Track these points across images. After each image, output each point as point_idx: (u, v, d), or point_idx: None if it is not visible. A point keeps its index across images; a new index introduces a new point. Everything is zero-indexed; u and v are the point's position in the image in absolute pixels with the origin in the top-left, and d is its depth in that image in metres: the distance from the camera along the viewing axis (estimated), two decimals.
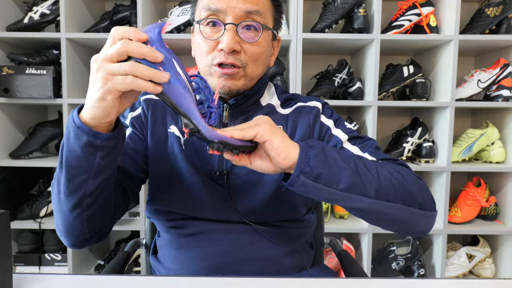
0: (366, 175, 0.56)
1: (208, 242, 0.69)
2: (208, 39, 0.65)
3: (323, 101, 0.77)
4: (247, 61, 0.65)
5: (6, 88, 1.44)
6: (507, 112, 1.54)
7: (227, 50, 0.62)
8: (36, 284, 0.52)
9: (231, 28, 0.62)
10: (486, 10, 1.47)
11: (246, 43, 0.64)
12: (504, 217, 1.57)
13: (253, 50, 0.65)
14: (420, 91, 1.52)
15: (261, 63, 0.68)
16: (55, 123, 1.60)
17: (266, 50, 0.69)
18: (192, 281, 0.54)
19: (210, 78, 0.67)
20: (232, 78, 0.65)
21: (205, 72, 0.68)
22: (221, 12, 0.63)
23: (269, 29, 0.68)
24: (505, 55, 1.56)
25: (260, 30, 0.65)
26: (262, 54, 0.67)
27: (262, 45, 0.66)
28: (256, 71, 0.68)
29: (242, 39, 0.64)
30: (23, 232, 1.63)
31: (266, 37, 0.67)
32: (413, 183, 0.59)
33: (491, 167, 1.50)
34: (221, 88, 0.66)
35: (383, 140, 1.73)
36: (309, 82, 1.69)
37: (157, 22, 0.70)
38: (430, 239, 1.59)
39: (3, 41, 1.53)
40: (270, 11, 0.68)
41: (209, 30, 0.65)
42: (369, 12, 1.48)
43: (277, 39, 0.75)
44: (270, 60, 0.74)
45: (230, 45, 0.62)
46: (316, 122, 0.72)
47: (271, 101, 0.75)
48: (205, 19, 0.65)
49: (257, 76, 0.69)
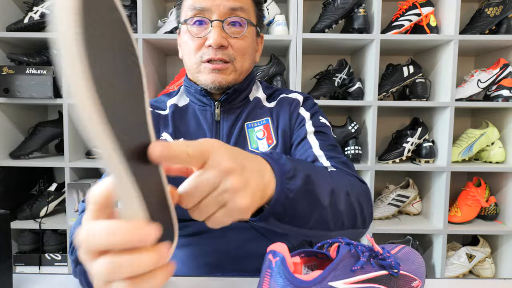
0: (334, 209, 0.49)
1: (207, 240, 0.69)
2: (195, 37, 0.68)
3: (307, 95, 0.79)
4: (235, 55, 0.68)
5: (6, 88, 1.44)
6: (507, 112, 1.54)
7: (215, 46, 0.65)
8: (36, 284, 0.52)
9: (217, 25, 0.66)
10: (486, 10, 1.47)
11: (233, 38, 0.68)
12: (504, 217, 1.57)
13: (240, 44, 0.68)
14: (420, 91, 1.52)
15: (248, 57, 0.71)
16: (55, 123, 1.60)
17: (252, 44, 0.72)
18: (192, 281, 0.54)
19: (200, 75, 0.69)
20: (222, 73, 0.68)
21: (194, 70, 0.70)
22: (207, 10, 0.66)
23: (253, 25, 0.71)
24: (505, 55, 1.56)
25: (245, 25, 0.68)
26: (248, 48, 0.70)
27: (248, 39, 0.70)
28: (244, 64, 0.71)
29: (228, 35, 0.67)
30: (23, 232, 1.63)
31: (251, 32, 0.71)
32: (365, 203, 0.55)
33: (491, 167, 1.50)
34: (211, 83, 0.68)
35: (383, 140, 1.73)
36: (309, 82, 1.69)
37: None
38: (430, 239, 1.59)
39: (3, 41, 1.53)
40: (253, 8, 0.72)
41: (196, 29, 0.68)
42: (369, 12, 1.48)
43: (260, 36, 0.78)
44: (256, 56, 0.77)
45: (218, 41, 0.65)
46: (294, 113, 0.74)
47: (257, 94, 0.78)
48: (192, 18, 0.67)
49: (246, 69, 0.72)
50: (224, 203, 0.34)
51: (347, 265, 0.39)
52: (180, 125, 0.74)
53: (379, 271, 0.41)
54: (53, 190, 1.60)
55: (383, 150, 1.63)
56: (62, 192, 1.63)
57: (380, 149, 1.71)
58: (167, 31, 1.48)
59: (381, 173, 1.68)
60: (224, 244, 0.69)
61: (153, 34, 1.46)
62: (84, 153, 1.61)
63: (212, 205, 0.34)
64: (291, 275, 0.36)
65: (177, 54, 0.80)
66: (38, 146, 1.56)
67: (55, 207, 1.61)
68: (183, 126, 0.74)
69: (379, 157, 1.58)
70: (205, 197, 0.34)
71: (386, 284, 0.41)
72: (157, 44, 1.57)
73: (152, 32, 1.53)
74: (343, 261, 0.39)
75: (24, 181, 1.65)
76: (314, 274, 0.38)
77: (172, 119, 0.74)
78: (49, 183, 1.65)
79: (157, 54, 1.64)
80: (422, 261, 0.48)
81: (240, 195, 0.34)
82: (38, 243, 1.63)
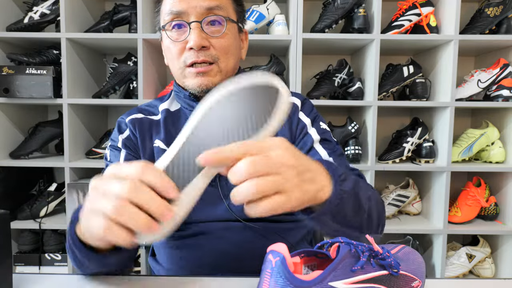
0: (369, 214, 0.55)
1: (205, 241, 0.69)
2: (176, 42, 0.67)
3: (303, 97, 0.78)
4: (218, 55, 0.67)
5: (6, 88, 1.44)
6: (507, 112, 1.54)
7: (196, 47, 0.64)
8: (36, 284, 0.52)
9: (196, 26, 0.65)
10: (486, 10, 1.47)
11: (213, 38, 0.67)
12: (504, 217, 1.57)
13: (221, 43, 0.67)
14: (420, 91, 1.52)
15: (232, 56, 0.70)
16: (55, 123, 1.60)
17: (234, 42, 0.71)
18: (192, 281, 0.54)
19: (186, 80, 0.69)
20: (208, 75, 0.67)
21: (179, 75, 0.69)
22: (183, 13, 0.65)
23: (233, 22, 0.70)
24: (505, 55, 1.56)
25: (224, 23, 0.67)
26: (231, 46, 0.69)
27: (229, 37, 0.69)
28: (229, 64, 0.69)
29: (208, 34, 0.66)
30: (23, 232, 1.63)
31: (231, 29, 0.69)
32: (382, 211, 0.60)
33: (491, 167, 1.50)
34: (198, 86, 0.67)
35: (383, 140, 1.73)
36: (309, 82, 1.69)
37: None
38: (430, 239, 1.59)
39: (3, 41, 1.53)
40: (231, 4, 0.71)
41: (176, 33, 0.67)
42: (369, 12, 1.48)
43: (243, 31, 0.77)
44: (242, 53, 0.76)
45: (198, 42, 0.64)
46: (294, 119, 0.73)
47: None
48: (170, 22, 0.67)
49: (231, 68, 0.71)
50: (281, 191, 0.37)
51: (347, 265, 0.39)
52: (172, 131, 0.73)
53: (379, 271, 0.41)
54: (53, 190, 1.60)
55: (383, 150, 1.63)
56: (62, 192, 1.63)
57: (380, 149, 1.71)
58: None
59: (381, 173, 1.68)
60: (224, 244, 0.69)
61: (153, 34, 1.46)
62: (84, 153, 1.61)
63: (271, 185, 0.36)
64: (291, 275, 0.36)
65: None
66: (38, 146, 1.56)
67: (55, 207, 1.61)
68: (175, 132, 0.73)
69: (379, 157, 1.57)
70: (266, 175, 0.36)
71: (386, 284, 0.41)
72: (157, 44, 1.56)
73: (152, 32, 1.53)
74: (343, 261, 0.39)
75: (24, 181, 1.65)
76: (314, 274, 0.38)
77: (164, 124, 0.73)
78: (49, 183, 1.65)
79: (157, 54, 1.64)
80: (422, 261, 0.48)
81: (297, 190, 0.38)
82: (38, 243, 1.63)
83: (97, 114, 1.74)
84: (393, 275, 0.42)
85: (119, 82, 1.55)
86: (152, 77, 1.57)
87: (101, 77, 1.76)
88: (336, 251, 0.41)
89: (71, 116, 1.49)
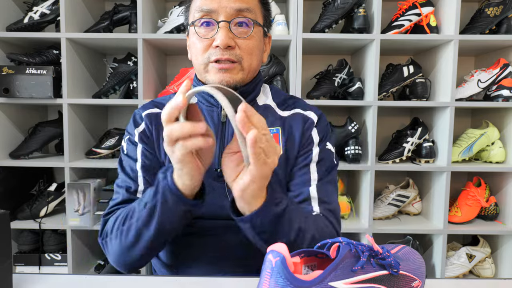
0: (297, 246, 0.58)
1: (209, 239, 0.69)
2: (203, 38, 0.68)
3: (320, 112, 0.79)
4: (242, 55, 0.68)
5: (6, 88, 1.44)
6: (507, 112, 1.54)
7: (222, 46, 0.66)
8: (36, 284, 0.52)
9: (224, 26, 0.66)
10: (486, 10, 1.47)
11: (240, 39, 0.68)
12: (504, 217, 1.57)
13: (247, 44, 0.69)
14: (420, 91, 1.52)
15: (255, 57, 0.71)
16: (55, 123, 1.60)
17: (259, 44, 0.72)
18: (192, 281, 0.54)
19: (207, 75, 0.70)
20: (230, 72, 0.68)
21: (201, 70, 0.70)
22: (214, 12, 0.67)
23: (260, 25, 0.71)
24: (505, 55, 1.56)
25: (252, 26, 0.69)
26: (255, 48, 0.70)
27: (255, 39, 0.70)
28: (252, 64, 0.71)
29: (235, 35, 0.68)
30: (23, 232, 1.63)
31: (257, 32, 0.71)
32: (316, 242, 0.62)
33: (491, 167, 1.50)
34: (219, 82, 0.68)
35: (383, 140, 1.73)
36: (309, 82, 1.69)
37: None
38: (430, 239, 1.59)
39: (3, 41, 1.53)
40: (259, 8, 0.72)
41: (204, 30, 0.68)
42: (369, 12, 1.48)
43: (268, 36, 0.78)
44: (263, 56, 0.77)
45: (225, 41, 0.65)
46: (307, 133, 0.75)
47: (267, 101, 0.78)
48: (199, 19, 0.68)
49: (253, 69, 0.72)
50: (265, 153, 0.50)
51: (348, 265, 0.39)
52: None
53: (379, 271, 0.41)
54: (53, 190, 1.60)
55: (383, 150, 1.63)
56: (62, 192, 1.63)
57: (380, 149, 1.71)
58: (167, 31, 1.48)
59: (381, 173, 1.68)
60: (224, 244, 0.69)
61: (153, 34, 1.46)
62: (84, 153, 1.61)
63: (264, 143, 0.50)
64: (291, 275, 0.36)
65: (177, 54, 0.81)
66: (38, 146, 1.56)
67: (55, 207, 1.61)
68: None
69: (379, 157, 1.57)
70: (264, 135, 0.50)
71: (386, 284, 0.41)
72: (157, 44, 1.57)
73: (152, 32, 1.53)
74: (343, 261, 0.39)
75: (24, 181, 1.65)
76: (314, 274, 0.38)
77: None
78: (49, 183, 1.65)
79: (157, 54, 1.64)
80: (422, 261, 0.48)
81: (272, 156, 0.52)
82: (38, 243, 1.63)
83: (97, 114, 1.74)
84: (393, 275, 0.42)
85: (119, 82, 1.55)
86: (152, 77, 1.57)
87: (101, 77, 1.76)
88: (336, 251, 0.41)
89: (71, 116, 1.49)
